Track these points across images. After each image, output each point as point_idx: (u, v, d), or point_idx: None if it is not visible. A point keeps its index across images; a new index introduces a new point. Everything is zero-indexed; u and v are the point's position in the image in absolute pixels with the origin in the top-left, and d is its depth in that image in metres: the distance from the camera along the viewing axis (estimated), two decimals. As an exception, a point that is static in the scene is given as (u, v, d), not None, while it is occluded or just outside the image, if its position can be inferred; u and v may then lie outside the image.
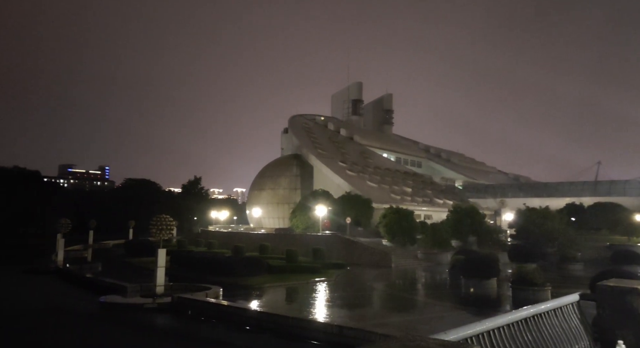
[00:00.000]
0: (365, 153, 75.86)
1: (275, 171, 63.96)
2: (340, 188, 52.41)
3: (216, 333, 14.42)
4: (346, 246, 37.67)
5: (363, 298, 22.77)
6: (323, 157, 62.20)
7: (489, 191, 79.41)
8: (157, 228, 19.52)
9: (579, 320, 5.31)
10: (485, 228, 43.65)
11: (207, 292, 18.56)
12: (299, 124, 76.39)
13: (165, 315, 16.69)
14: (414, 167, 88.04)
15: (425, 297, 23.91)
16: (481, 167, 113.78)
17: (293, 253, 30.94)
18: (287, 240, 40.41)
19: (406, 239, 40.13)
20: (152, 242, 33.85)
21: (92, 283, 22.81)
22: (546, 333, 4.47)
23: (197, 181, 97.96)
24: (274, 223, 58.41)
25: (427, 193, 63.92)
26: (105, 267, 31.07)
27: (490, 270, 23.41)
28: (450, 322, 16.26)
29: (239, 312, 15.53)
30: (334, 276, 27.72)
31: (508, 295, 20.79)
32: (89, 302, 19.10)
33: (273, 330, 13.52)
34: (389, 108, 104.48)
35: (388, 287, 27.02)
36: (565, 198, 61.28)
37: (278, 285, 24.67)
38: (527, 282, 19.17)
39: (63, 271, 28.09)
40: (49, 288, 24.17)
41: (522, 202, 50.73)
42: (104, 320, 16.52)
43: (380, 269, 32.67)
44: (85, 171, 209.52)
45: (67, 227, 31.35)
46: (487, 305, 20.17)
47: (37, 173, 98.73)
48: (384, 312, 20.04)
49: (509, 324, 3.95)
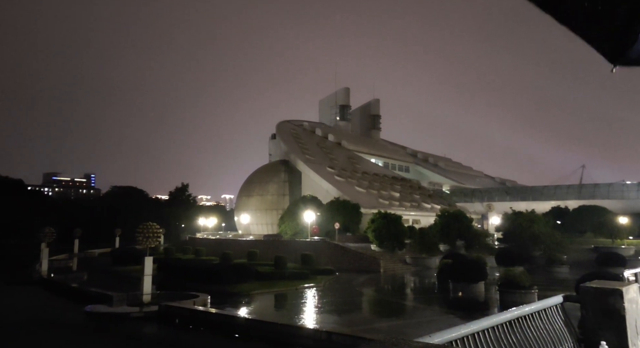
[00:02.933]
0: (353, 158, 76.11)
1: (263, 177, 63.81)
2: (328, 193, 52.46)
3: (204, 342, 14.28)
4: (335, 252, 37.64)
5: (352, 304, 22.75)
6: (311, 162, 62.26)
7: (476, 195, 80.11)
8: (143, 236, 19.31)
9: (563, 321, 5.38)
10: (473, 232, 43.97)
11: (195, 300, 18.38)
12: (286, 130, 76.42)
13: (152, 324, 16.48)
14: (401, 172, 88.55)
15: (414, 301, 23.98)
16: (468, 172, 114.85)
17: (282, 259, 30.84)
18: (275, 247, 40.27)
19: (394, 244, 40.25)
20: (139, 250, 33.47)
21: (77, 293, 22.46)
22: (531, 335, 4.53)
23: (185, 188, 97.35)
24: (262, 230, 58.18)
25: (415, 198, 64.27)
26: (91, 276, 30.63)
27: (478, 273, 23.59)
28: (438, 326, 16.27)
29: (227, 320, 15.41)
30: (322, 282, 27.67)
31: (496, 298, 20.96)
32: (74, 312, 18.79)
33: (262, 337, 13.44)
34: (377, 113, 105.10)
35: (377, 292, 27.05)
36: (550, 202, 62.13)
37: (267, 292, 24.55)
38: (514, 285, 19.35)
39: (47, 281, 27.61)
40: (33, 299, 23.72)
41: (508, 206, 51.18)
42: (90, 330, 16.26)
43: (369, 274, 32.70)
44: (71, 179, 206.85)
45: (52, 236, 30.85)
46: (475, 308, 20.29)
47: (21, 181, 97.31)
48: (373, 317, 20.05)
49: (494, 326, 4.00)
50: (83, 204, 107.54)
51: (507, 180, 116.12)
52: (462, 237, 42.78)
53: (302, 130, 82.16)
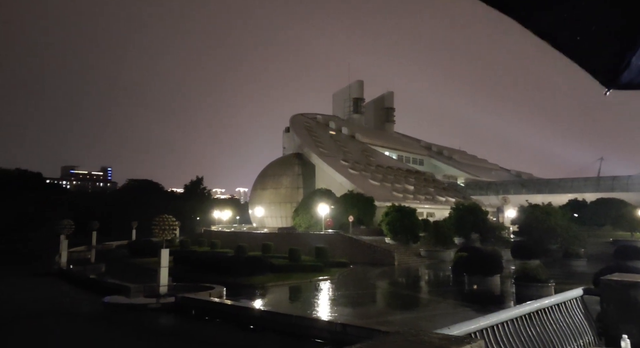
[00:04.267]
0: (367, 151, 75.83)
1: (277, 170, 63.98)
2: (342, 186, 52.40)
3: (220, 333, 14.44)
4: (349, 244, 37.67)
5: (366, 297, 22.78)
6: (325, 155, 62.19)
7: (491, 188, 79.27)
8: (159, 228, 19.54)
9: (583, 315, 5.30)
10: (488, 225, 43.62)
11: (211, 291, 18.57)
12: (300, 123, 76.39)
13: (169, 315, 16.71)
14: (415, 164, 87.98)
15: (429, 294, 23.90)
16: (483, 164, 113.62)
17: (296, 252, 30.96)
18: (289, 239, 40.43)
19: (409, 237, 40.11)
20: (155, 243, 33.91)
21: (95, 284, 22.86)
22: (550, 328, 4.46)
23: (199, 181, 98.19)
24: (276, 223, 58.46)
25: (429, 191, 63.88)
26: (108, 267, 31.12)
27: (493, 266, 23.42)
28: (453, 318, 16.24)
29: (242, 312, 15.54)
30: (336, 274, 27.74)
31: (511, 291, 20.78)
32: (92, 302, 19.14)
33: (277, 329, 13.53)
34: (391, 106, 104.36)
35: (391, 285, 27.03)
36: (567, 195, 61.18)
37: (281, 284, 24.69)
38: (530, 278, 19.14)
39: (66, 272, 28.14)
40: (53, 290, 24.22)
41: (524, 199, 50.59)
42: (108, 320, 16.55)
43: (383, 267, 32.67)
44: (88, 172, 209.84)
45: (70, 229, 31.38)
46: (490, 301, 20.16)
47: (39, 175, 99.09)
48: (387, 309, 20.05)
49: (513, 319, 3.95)
50: (100, 197, 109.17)
51: (522, 173, 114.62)
52: (477, 230, 42.46)
53: (316, 124, 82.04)
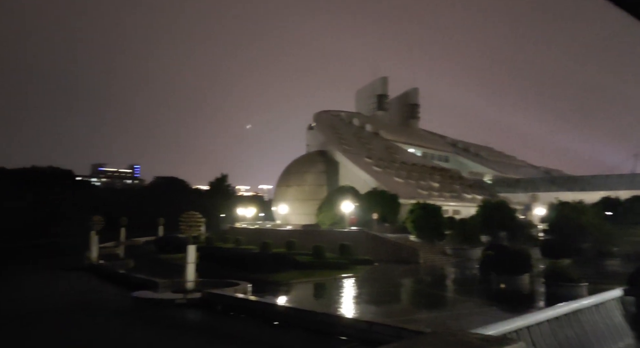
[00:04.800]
0: (392, 148, 75.25)
1: (300, 168, 64.12)
2: (366, 184, 52.15)
3: (246, 328, 14.53)
4: (373, 242, 37.46)
5: (391, 294, 22.59)
6: (349, 153, 62.00)
7: (520, 185, 77.59)
8: (186, 224, 19.82)
9: (623, 316, 5.05)
10: (516, 223, 42.65)
11: (236, 287, 18.71)
12: (324, 120, 76.36)
13: (195, 311, 16.92)
14: (441, 161, 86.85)
15: (455, 293, 23.54)
16: (511, 161, 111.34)
17: (320, 249, 30.95)
18: (313, 237, 40.46)
19: (434, 235, 39.62)
20: (182, 239, 34.44)
21: (124, 279, 23.34)
22: (589, 329, 4.25)
23: (224, 178, 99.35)
24: (300, 220, 58.61)
25: (455, 188, 62.97)
26: (136, 263, 31.76)
27: (522, 265, 22.87)
28: (480, 318, 15.93)
29: (267, 308, 15.59)
30: (361, 272, 27.61)
31: (541, 291, 20.23)
32: (121, 297, 19.55)
33: (301, 325, 13.52)
34: (415, 102, 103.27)
35: (416, 283, 26.75)
36: (600, 192, 59.18)
37: (305, 281, 24.71)
38: (561, 278, 18.59)
39: (96, 267, 28.85)
40: (84, 284, 24.88)
41: (554, 196, 49.17)
42: (137, 315, 16.88)
43: (408, 265, 32.36)
44: (116, 170, 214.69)
45: (100, 225, 32.17)
46: (519, 301, 19.68)
47: (70, 172, 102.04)
48: (413, 308, 19.83)
49: (550, 319, 3.77)
50: (128, 194, 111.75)
51: (552, 170, 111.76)
52: (505, 228, 41.56)
53: (340, 121, 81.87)
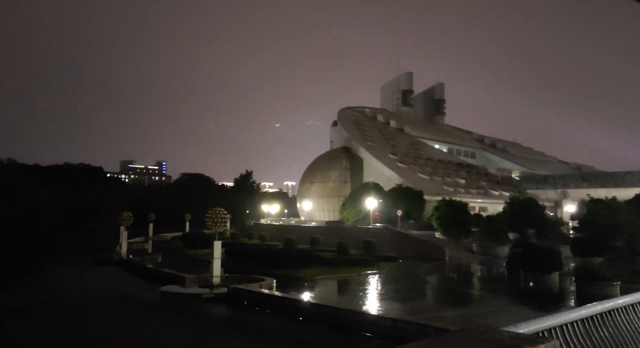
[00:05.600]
0: (416, 144, 74.45)
1: (325, 164, 64.13)
2: (390, 180, 51.77)
3: (271, 323, 14.66)
4: (398, 239, 37.21)
5: (416, 292, 22.40)
6: (373, 149, 61.64)
7: (549, 182, 75.63)
8: (212, 221, 20.09)
9: (660, 316, 4.87)
10: (545, 221, 41.64)
11: (261, 283, 18.90)
12: (348, 117, 76.07)
13: (221, 305, 17.17)
14: (467, 158, 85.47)
15: (481, 290, 23.18)
16: (540, 157, 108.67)
17: (344, 245, 30.93)
18: (337, 233, 40.47)
19: (460, 232, 39.07)
20: (208, 235, 34.94)
21: (153, 274, 23.88)
22: (624, 330, 4.12)
23: (249, 175, 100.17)
24: (324, 216, 58.68)
25: (481, 185, 61.90)
26: (164, 258, 32.41)
27: (551, 263, 22.33)
28: (507, 316, 15.66)
29: (292, 303, 15.69)
30: (385, 269, 27.47)
31: (571, 290, 19.74)
32: (150, 291, 19.99)
33: (326, 321, 13.55)
34: (441, 98, 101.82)
35: (441, 280, 26.45)
36: (634, 189, 57.09)
37: (329, 277, 24.75)
38: (593, 277, 18.09)
39: (126, 262, 29.57)
40: (114, 278, 25.55)
41: (585, 193, 47.77)
42: (166, 308, 17.24)
43: (433, 262, 32.02)
44: (144, 167, 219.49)
45: (130, 220, 32.93)
46: (549, 300, 19.24)
47: (100, 169, 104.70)
48: (438, 305, 19.62)
49: (584, 319, 3.66)
50: (156, 190, 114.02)
51: (583, 166, 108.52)
52: (534, 225, 40.64)
53: (364, 117, 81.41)
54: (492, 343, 2.18)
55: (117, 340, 12.47)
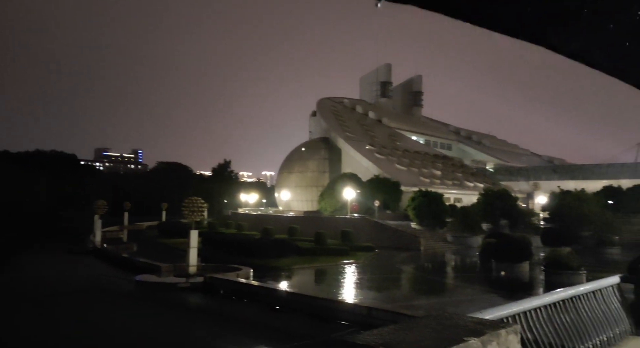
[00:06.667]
0: (394, 136, 75.07)
1: (303, 154, 64.12)
2: (368, 171, 52.17)
3: (247, 313, 14.73)
4: (375, 229, 37.63)
5: (391, 281, 22.79)
6: (351, 140, 61.90)
7: (522, 174, 77.51)
8: (189, 210, 19.97)
9: (620, 303, 5.14)
10: (518, 212, 42.75)
11: (238, 272, 18.92)
12: (327, 107, 76.05)
13: (198, 295, 17.14)
14: (443, 149, 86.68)
15: (455, 280, 23.74)
16: (513, 150, 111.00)
17: (322, 235, 31.13)
18: (315, 223, 40.66)
19: (435, 222, 39.77)
20: (184, 224, 34.66)
21: (127, 263, 23.59)
22: (585, 316, 4.35)
23: (227, 164, 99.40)
24: (302, 206, 58.82)
25: (457, 176, 62.96)
26: (140, 247, 32.05)
27: (522, 253, 23.01)
28: (479, 304, 16.10)
29: (269, 293, 15.78)
30: (362, 258, 27.81)
31: (541, 278, 20.41)
32: (125, 280, 19.79)
33: (302, 310, 13.69)
34: (419, 90, 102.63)
35: (417, 270, 26.95)
36: (602, 181, 59.13)
37: (307, 266, 24.93)
38: (561, 266, 18.75)
39: (101, 251, 29.13)
40: (88, 268, 25.15)
41: (556, 185, 49.30)
42: (140, 298, 17.12)
43: (409, 252, 32.56)
44: (120, 154, 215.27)
45: (104, 209, 32.38)
46: (519, 288, 19.88)
47: (74, 156, 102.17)
48: (413, 294, 20.03)
49: (547, 305, 3.86)
50: (131, 179, 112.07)
51: (555, 159, 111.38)
52: (506, 216, 41.68)
53: (343, 108, 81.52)
54: (456, 328, 2.31)
55: (90, 330, 12.36)
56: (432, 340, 2.21)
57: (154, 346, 11.29)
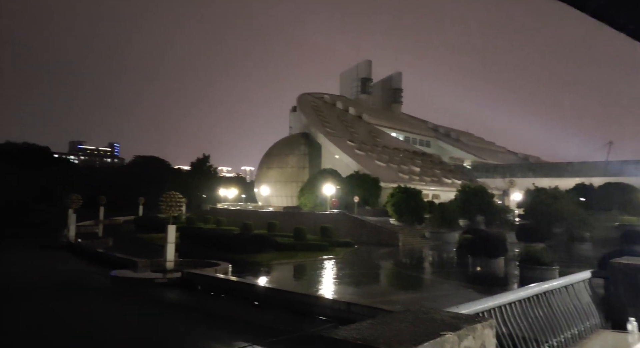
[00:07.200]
0: (374, 132, 75.47)
1: (283, 150, 63.93)
2: (348, 167, 52.35)
3: (226, 308, 14.65)
4: (354, 225, 37.82)
5: (370, 276, 22.96)
6: (331, 135, 61.96)
7: (498, 171, 78.92)
8: (166, 204, 19.71)
9: (591, 297, 5.30)
10: (494, 208, 43.55)
11: (217, 268, 18.79)
12: (307, 103, 75.90)
13: (175, 290, 16.97)
14: (422, 146, 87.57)
15: (432, 275, 24.06)
16: (490, 147, 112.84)
17: (301, 231, 31.14)
18: (295, 219, 40.64)
19: (414, 218, 40.19)
20: (162, 219, 34.22)
21: (103, 258, 23.19)
22: (557, 310, 4.46)
23: (206, 159, 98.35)
24: (282, 202, 58.70)
25: (435, 173, 63.72)
26: (116, 242, 31.53)
27: (497, 249, 23.47)
28: (456, 299, 16.33)
29: (247, 288, 15.73)
30: (341, 254, 27.93)
31: (515, 274, 20.85)
32: (100, 276, 19.45)
33: (281, 306, 13.70)
34: (398, 87, 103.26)
35: (395, 265, 27.21)
36: (575, 179, 60.70)
37: (286, 262, 24.92)
38: (534, 261, 19.18)
39: (75, 246, 28.55)
40: (62, 263, 24.63)
41: (531, 182, 50.32)
42: (116, 293, 16.84)
43: (388, 248, 32.84)
44: (95, 148, 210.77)
45: (78, 203, 31.73)
46: (494, 283, 20.26)
47: (47, 149, 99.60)
48: (391, 289, 20.22)
49: (521, 300, 3.95)
50: (108, 173, 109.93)
51: (530, 156, 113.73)
52: (483, 212, 42.43)
53: (323, 103, 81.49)
54: (433, 323, 2.34)
55: (63, 326, 12.11)
56: (410, 334, 2.23)
57: (129, 341, 11.12)
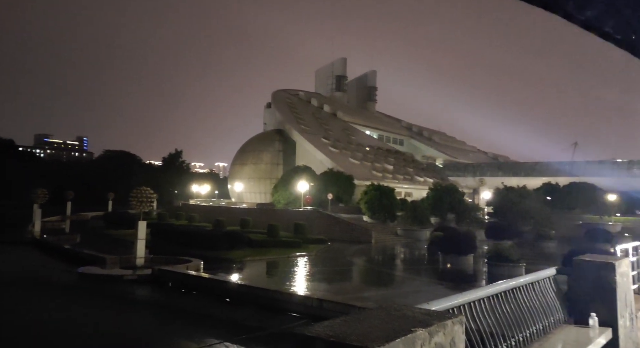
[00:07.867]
0: (349, 130, 75.83)
1: (257, 146, 63.55)
2: (322, 164, 52.47)
3: (197, 305, 14.49)
4: (327, 222, 37.94)
5: (343, 273, 23.11)
6: (306, 132, 61.95)
7: (469, 170, 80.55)
8: (137, 200, 19.31)
9: (555, 293, 5.49)
10: (464, 206, 44.43)
11: (188, 264, 18.55)
12: (282, 99, 75.62)
13: (145, 287, 16.66)
14: (396, 144, 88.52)
15: (404, 272, 24.41)
16: (462, 146, 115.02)
17: (274, 228, 31.04)
18: (268, 215, 40.48)
19: (386, 216, 40.62)
20: (132, 215, 33.51)
21: (70, 255, 22.55)
22: (524, 306, 4.61)
23: (178, 154, 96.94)
24: (255, 198, 58.38)
25: (408, 171, 64.55)
26: (83, 238, 30.73)
27: (467, 246, 23.96)
28: (426, 295, 16.65)
29: (219, 285, 15.59)
30: (314, 251, 28.00)
31: (484, 270, 21.37)
32: (67, 273, 18.91)
33: (254, 302, 13.64)
34: (373, 85, 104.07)
35: (367, 262, 27.47)
36: (542, 178, 62.56)
37: (259, 259, 24.82)
38: (502, 259, 19.71)
39: (40, 242, 27.69)
40: (26, 259, 23.83)
41: (500, 181, 51.56)
42: (83, 290, 16.41)
43: (361, 245, 33.10)
44: (63, 141, 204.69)
45: (44, 198, 30.76)
46: (463, 280, 20.71)
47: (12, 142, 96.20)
48: (363, 286, 20.41)
49: (489, 296, 4.06)
50: (75, 167, 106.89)
51: (499, 156, 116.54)
52: (453, 210, 43.24)
53: (298, 100, 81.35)
54: (405, 319, 2.38)
55: (26, 324, 11.74)
56: (382, 331, 2.26)
57: (97, 339, 10.87)
